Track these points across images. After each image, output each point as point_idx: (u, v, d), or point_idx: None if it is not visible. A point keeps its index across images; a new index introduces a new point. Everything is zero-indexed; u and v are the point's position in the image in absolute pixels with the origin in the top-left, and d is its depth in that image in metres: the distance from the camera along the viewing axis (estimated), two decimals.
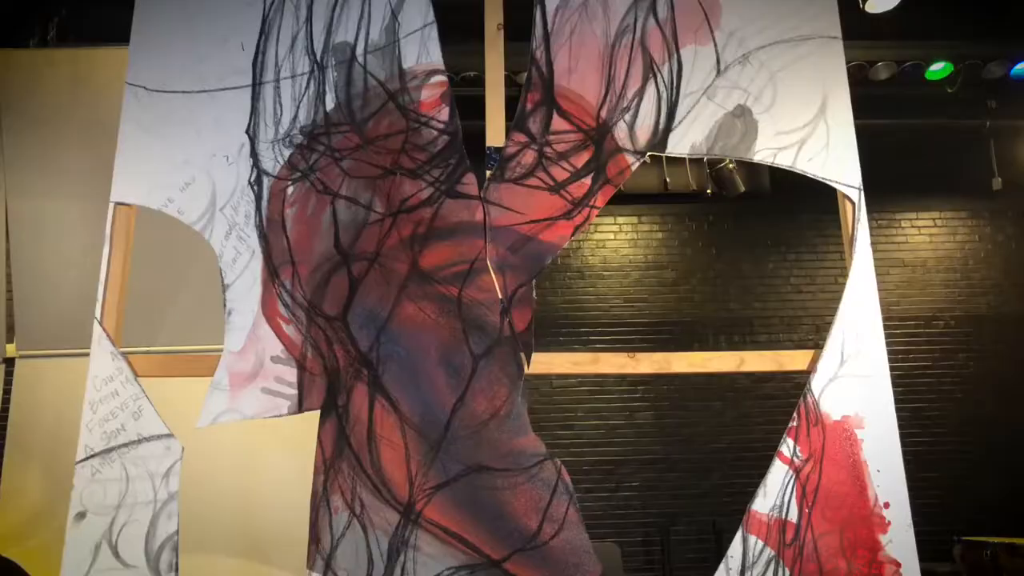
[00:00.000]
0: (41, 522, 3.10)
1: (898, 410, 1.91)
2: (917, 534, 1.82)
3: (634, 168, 2.06)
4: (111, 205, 2.00)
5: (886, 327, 1.96)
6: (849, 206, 2.04)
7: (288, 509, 2.41)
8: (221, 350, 1.89)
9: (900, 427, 1.89)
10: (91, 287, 1.95)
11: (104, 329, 1.88)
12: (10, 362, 3.82)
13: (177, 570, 1.73)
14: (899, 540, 1.79)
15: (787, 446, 1.85)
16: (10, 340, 3.90)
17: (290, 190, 2.01)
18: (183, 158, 2.04)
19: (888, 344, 1.95)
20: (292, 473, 2.32)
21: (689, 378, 6.65)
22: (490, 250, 1.97)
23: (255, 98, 2.07)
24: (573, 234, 2.00)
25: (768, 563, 1.77)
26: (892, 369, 1.93)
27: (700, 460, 6.46)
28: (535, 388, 6.45)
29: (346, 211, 1.99)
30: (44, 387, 3.61)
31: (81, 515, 1.75)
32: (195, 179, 2.02)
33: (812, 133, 2.08)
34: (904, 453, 1.87)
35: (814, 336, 6.65)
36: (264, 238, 1.97)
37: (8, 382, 3.83)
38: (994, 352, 6.74)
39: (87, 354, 1.87)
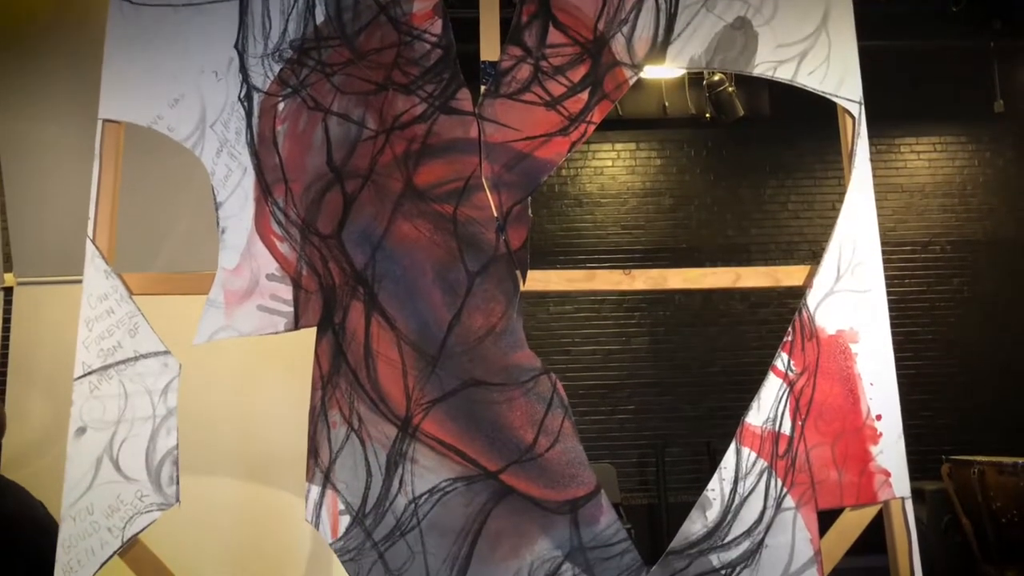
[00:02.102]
0: (47, 444, 3.14)
1: (892, 333, 1.91)
2: (907, 454, 1.85)
3: (632, 82, 2.02)
4: (99, 122, 1.96)
5: (882, 252, 1.95)
6: (849, 121, 2.01)
7: (287, 428, 2.44)
8: None
9: (893, 350, 1.90)
10: (87, 211, 1.93)
11: (96, 247, 1.87)
12: (8, 291, 3.81)
13: (178, 483, 1.75)
14: (889, 451, 1.82)
15: (781, 360, 1.87)
16: (8, 269, 3.88)
17: (281, 106, 1.97)
18: (171, 74, 1.99)
19: (883, 269, 1.95)
20: (291, 392, 2.34)
21: (685, 304, 6.69)
22: (485, 167, 1.94)
23: (243, 11, 2.02)
24: (569, 150, 1.98)
25: (761, 474, 1.80)
26: (887, 293, 1.94)
27: (695, 384, 6.54)
28: (532, 315, 6.49)
29: (338, 128, 1.96)
30: (44, 314, 3.61)
31: (81, 430, 1.77)
32: (184, 95, 1.98)
33: (813, 46, 2.04)
34: (896, 375, 1.89)
35: (811, 261, 6.66)
36: (256, 155, 1.94)
37: (7, 311, 3.83)
38: (989, 277, 6.77)
39: None
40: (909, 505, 1.80)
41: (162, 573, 1.74)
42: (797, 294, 1.95)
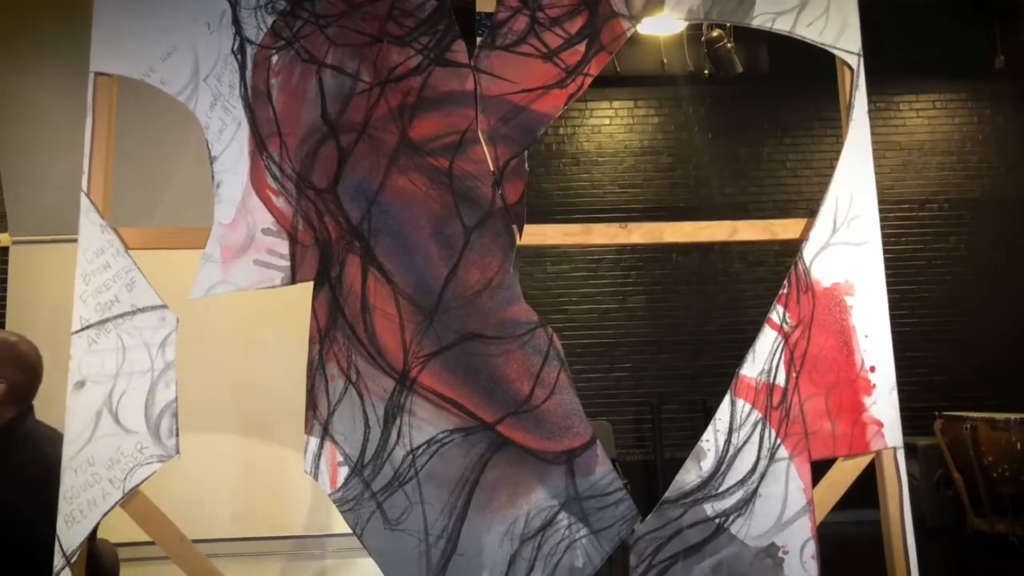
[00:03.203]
0: (47, 401, 3.16)
1: (887, 290, 1.92)
2: (900, 410, 1.86)
3: (629, 34, 2.00)
4: (91, 75, 1.94)
5: (879, 211, 1.95)
6: (847, 73, 1.99)
7: (286, 384, 2.45)
8: None
9: (888, 309, 1.91)
10: (81, 168, 1.91)
11: (91, 201, 1.86)
12: (3, 251, 3.81)
13: (177, 435, 1.77)
14: (883, 402, 1.84)
15: (777, 313, 1.87)
16: (2, 230, 3.87)
17: (275, 59, 1.95)
18: (162, 27, 1.96)
19: (880, 225, 1.95)
20: (289, 349, 2.36)
21: (682, 262, 6.70)
22: (481, 120, 1.93)
23: None
24: (567, 103, 1.96)
25: (755, 425, 1.82)
26: (883, 251, 1.94)
27: (691, 342, 6.58)
28: (528, 274, 6.50)
29: (332, 80, 1.94)
30: (40, 273, 3.62)
31: (80, 384, 1.78)
32: (176, 48, 1.96)
33: None
34: (891, 333, 1.90)
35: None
36: (249, 109, 1.92)
37: (3, 271, 3.83)
38: (985, 235, 6.78)
39: None
40: (901, 455, 1.82)
41: (163, 523, 1.77)
42: (794, 252, 1.96)
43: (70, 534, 1.70)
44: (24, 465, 2.01)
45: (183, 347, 1.88)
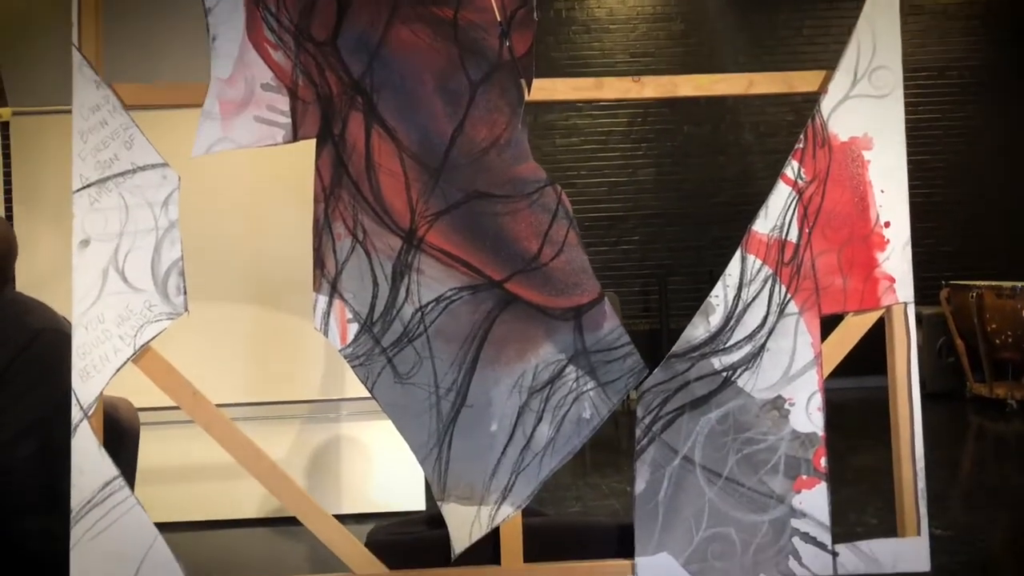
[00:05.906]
0: (56, 275, 3.19)
1: None
2: None
3: None
4: None
5: None
6: None
7: (296, 249, 2.45)
8: None
9: (906, 163, 1.86)
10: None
11: (83, 56, 1.80)
12: (4, 126, 3.75)
13: (185, 293, 1.76)
14: (896, 257, 1.81)
15: (791, 168, 1.83)
16: (3, 104, 3.79)
17: None
18: None
19: None
20: (300, 214, 2.34)
21: (693, 134, 6.58)
22: None
23: None
24: None
25: (765, 280, 1.81)
26: None
27: (700, 214, 6.54)
28: (537, 147, 6.37)
29: None
30: (44, 146, 3.57)
31: (85, 242, 1.76)
32: None
33: None
34: None
35: None
36: None
37: (6, 145, 3.78)
38: (1004, 102, 6.60)
39: None
40: (911, 310, 1.81)
41: (176, 379, 1.79)
42: (811, 91, 1.89)
43: (85, 388, 1.72)
44: (10, 334, 2.05)
45: (191, 214, 1.85)
